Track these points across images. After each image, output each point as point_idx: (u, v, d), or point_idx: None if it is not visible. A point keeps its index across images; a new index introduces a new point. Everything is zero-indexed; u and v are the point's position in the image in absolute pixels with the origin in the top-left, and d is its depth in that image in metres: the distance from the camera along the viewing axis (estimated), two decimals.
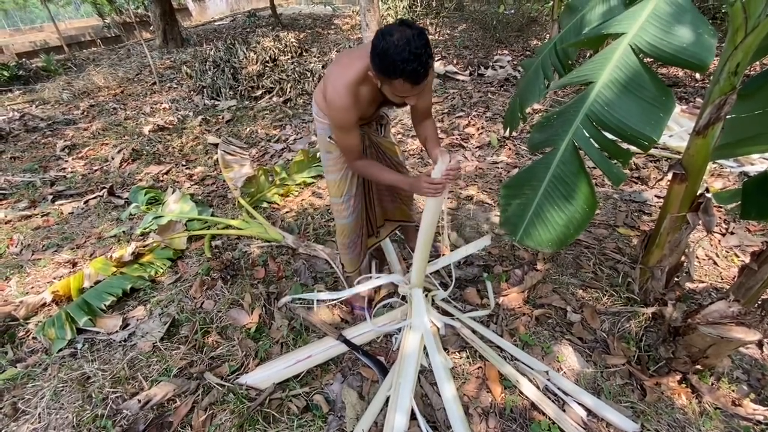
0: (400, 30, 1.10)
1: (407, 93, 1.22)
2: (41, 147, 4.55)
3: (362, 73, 1.28)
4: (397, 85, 1.17)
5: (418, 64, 1.10)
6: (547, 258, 2.10)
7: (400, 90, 1.20)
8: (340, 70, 1.33)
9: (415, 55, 1.09)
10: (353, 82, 1.28)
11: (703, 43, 0.96)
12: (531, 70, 1.67)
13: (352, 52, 1.39)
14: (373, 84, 1.30)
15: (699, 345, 1.38)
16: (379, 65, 1.14)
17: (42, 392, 1.63)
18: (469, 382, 1.54)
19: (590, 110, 1.08)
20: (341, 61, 1.38)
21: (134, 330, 1.91)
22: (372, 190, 1.84)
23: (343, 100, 1.28)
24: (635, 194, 2.61)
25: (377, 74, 1.19)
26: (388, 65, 1.11)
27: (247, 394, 1.54)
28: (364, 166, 1.50)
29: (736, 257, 2.04)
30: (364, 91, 1.32)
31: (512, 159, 3.25)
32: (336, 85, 1.30)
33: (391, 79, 1.15)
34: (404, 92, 1.22)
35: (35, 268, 2.46)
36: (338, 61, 1.39)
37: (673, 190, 1.50)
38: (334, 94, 1.30)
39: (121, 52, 9.39)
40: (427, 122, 1.56)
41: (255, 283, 2.12)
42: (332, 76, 1.35)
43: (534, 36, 6.96)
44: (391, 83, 1.18)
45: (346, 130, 1.38)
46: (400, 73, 1.12)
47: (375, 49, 1.12)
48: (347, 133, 1.39)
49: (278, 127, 4.50)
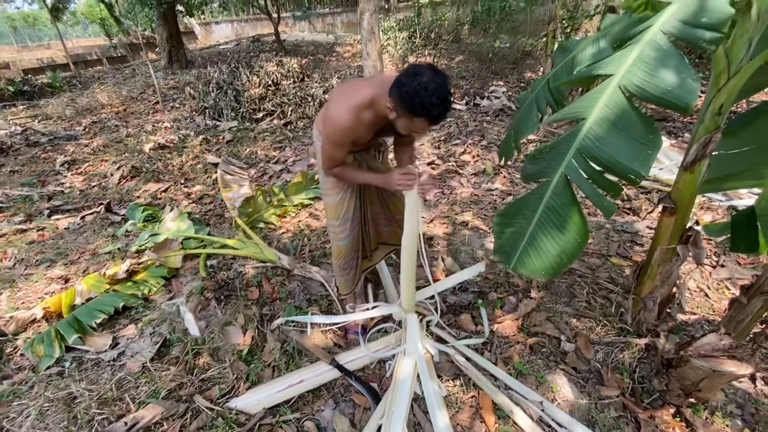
0: (430, 73, 1.19)
1: (422, 130, 1.31)
2: (41, 161, 4.58)
3: (368, 100, 1.35)
4: (418, 122, 1.25)
5: (444, 109, 1.21)
6: (542, 286, 2.11)
7: (418, 127, 1.28)
8: (347, 92, 1.41)
9: (442, 101, 1.19)
10: (358, 106, 1.34)
11: (687, 86, 1.02)
12: (526, 104, 1.74)
13: (359, 80, 1.49)
14: (376, 112, 1.37)
15: (692, 378, 1.39)
16: (407, 102, 1.20)
17: (27, 411, 1.58)
18: (463, 411, 1.52)
19: (581, 145, 1.13)
20: (347, 86, 1.47)
21: (124, 349, 1.88)
22: (368, 213, 1.87)
23: (345, 119, 1.35)
24: (627, 225, 2.66)
25: (400, 108, 1.24)
26: (416, 104, 1.19)
27: (236, 419, 1.51)
28: (340, 171, 1.54)
29: (727, 290, 2.06)
30: (366, 117, 1.38)
31: (507, 186, 3.31)
32: (341, 105, 1.36)
33: (414, 116, 1.23)
34: (420, 129, 1.30)
35: (27, 282, 2.43)
36: (344, 86, 1.49)
37: (663, 223, 1.54)
38: (337, 112, 1.36)
39: (127, 71, 9.59)
40: (409, 147, 1.66)
41: (249, 304, 2.10)
42: (337, 96, 1.43)
43: (528, 69, 7.22)
44: (412, 120, 1.25)
45: (337, 146, 1.44)
46: (426, 113, 1.20)
47: (404, 86, 1.19)
48: (337, 147, 1.44)
49: (278, 149, 4.57)
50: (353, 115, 1.34)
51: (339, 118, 1.36)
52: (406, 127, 1.33)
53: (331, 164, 1.52)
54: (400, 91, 1.21)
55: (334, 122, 1.37)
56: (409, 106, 1.21)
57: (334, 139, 1.42)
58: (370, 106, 1.36)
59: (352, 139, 1.43)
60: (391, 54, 7.92)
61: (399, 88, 1.21)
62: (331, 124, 1.39)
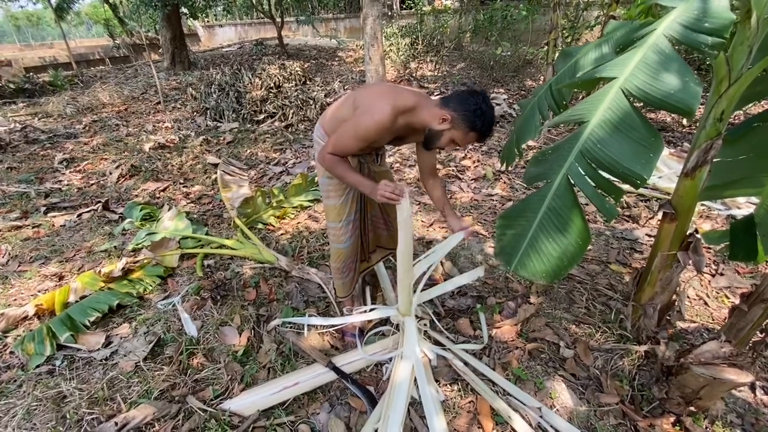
0: (488, 100, 1.38)
1: (466, 144, 1.46)
2: (39, 159, 4.56)
3: (410, 107, 1.40)
4: (469, 136, 1.40)
5: (491, 131, 1.41)
6: (541, 291, 2.10)
7: (464, 140, 1.42)
8: (388, 93, 1.41)
9: (492, 124, 1.40)
10: (399, 109, 1.38)
11: (689, 90, 1.02)
12: (527, 109, 1.74)
13: (397, 86, 1.51)
14: (407, 120, 1.42)
15: (692, 385, 1.37)
16: (469, 118, 1.35)
17: (14, 410, 1.55)
18: (460, 416, 1.50)
19: (584, 147, 1.12)
20: (385, 88, 1.48)
21: (117, 348, 1.85)
22: (367, 215, 1.86)
23: (385, 117, 1.35)
24: (627, 232, 2.66)
25: (459, 121, 1.37)
26: (477, 122, 1.35)
27: (229, 421, 1.48)
28: (336, 162, 1.46)
29: (726, 298, 2.05)
30: (399, 121, 1.40)
31: (507, 192, 3.31)
32: (382, 103, 1.36)
33: (470, 130, 1.38)
34: (465, 142, 1.44)
35: (20, 279, 2.40)
36: (380, 87, 1.49)
37: (664, 229, 1.54)
38: (377, 108, 1.36)
39: (129, 71, 9.61)
40: (436, 181, 1.76)
41: (245, 304, 2.08)
42: (377, 94, 1.42)
43: (529, 77, 7.27)
44: (466, 134, 1.39)
45: (359, 139, 1.40)
46: (480, 131, 1.37)
47: (471, 105, 1.35)
48: (357, 140, 1.41)
49: (278, 151, 4.57)
50: (392, 116, 1.36)
51: (379, 114, 1.35)
52: (452, 138, 1.42)
53: (337, 152, 1.45)
54: (466, 106, 1.34)
55: (371, 116, 1.36)
56: (471, 122, 1.35)
57: (360, 131, 1.39)
58: (408, 112, 1.40)
59: (375, 139, 1.42)
60: (393, 60, 7.97)
61: (464, 104, 1.35)
62: (367, 116, 1.37)
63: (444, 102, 1.39)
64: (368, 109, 1.38)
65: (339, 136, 1.43)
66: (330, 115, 1.57)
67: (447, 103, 1.38)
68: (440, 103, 1.40)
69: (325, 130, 1.58)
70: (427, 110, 1.40)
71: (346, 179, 1.48)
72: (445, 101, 1.39)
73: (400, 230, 1.46)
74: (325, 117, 1.60)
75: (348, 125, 1.41)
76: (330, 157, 1.45)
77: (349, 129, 1.41)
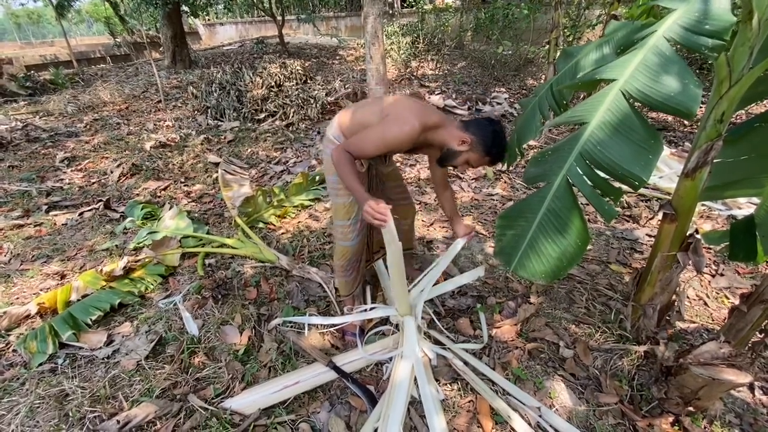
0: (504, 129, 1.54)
1: (477, 166, 1.61)
2: (41, 157, 4.57)
3: (434, 125, 1.50)
4: (483, 160, 1.53)
5: (503, 158, 1.58)
6: (541, 291, 2.11)
7: (478, 162, 1.55)
8: (419, 109, 1.49)
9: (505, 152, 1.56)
10: (426, 125, 1.47)
11: (689, 92, 1.02)
12: (528, 109, 1.74)
13: (426, 104, 1.62)
14: (428, 137, 1.52)
15: (691, 386, 1.38)
16: (487, 143, 1.49)
17: (17, 408, 1.56)
18: (460, 416, 1.51)
19: (583, 149, 1.13)
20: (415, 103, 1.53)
21: (119, 347, 1.86)
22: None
23: (412, 129, 1.43)
24: (627, 232, 2.66)
25: (477, 145, 1.49)
26: (493, 149, 1.50)
27: (230, 420, 1.49)
28: (346, 159, 1.46)
29: (726, 299, 2.06)
30: (421, 137, 1.49)
31: (507, 192, 3.31)
32: (412, 117, 1.44)
33: (486, 155, 1.51)
34: (478, 164, 1.57)
35: (23, 278, 2.41)
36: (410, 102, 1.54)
37: (664, 230, 1.54)
38: (405, 119, 1.44)
39: (130, 70, 9.61)
40: (447, 192, 1.88)
41: (246, 303, 2.09)
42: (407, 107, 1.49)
43: (530, 76, 7.26)
44: (482, 156, 1.52)
45: (383, 145, 1.47)
46: (494, 157, 1.52)
47: (489, 132, 1.49)
48: (380, 146, 1.47)
49: (279, 150, 4.57)
50: (419, 131, 1.44)
51: (409, 127, 1.42)
52: (467, 160, 1.54)
53: (354, 152, 1.47)
54: (485, 133, 1.48)
55: (400, 127, 1.43)
56: (487, 147, 1.49)
57: (387, 139, 1.44)
58: (432, 130, 1.51)
59: (397, 148, 1.52)
60: (394, 59, 7.96)
61: (483, 131, 1.49)
62: (396, 126, 1.44)
63: (465, 126, 1.52)
64: (397, 119, 1.44)
65: (362, 138, 1.48)
66: (351, 119, 1.58)
67: (467, 127, 1.50)
68: (461, 125, 1.52)
69: (343, 132, 1.59)
70: (449, 131, 1.51)
71: (345, 181, 1.47)
72: (466, 125, 1.51)
73: (387, 247, 1.49)
74: (344, 118, 1.60)
75: (374, 130, 1.46)
76: (344, 153, 1.47)
77: (374, 134, 1.46)
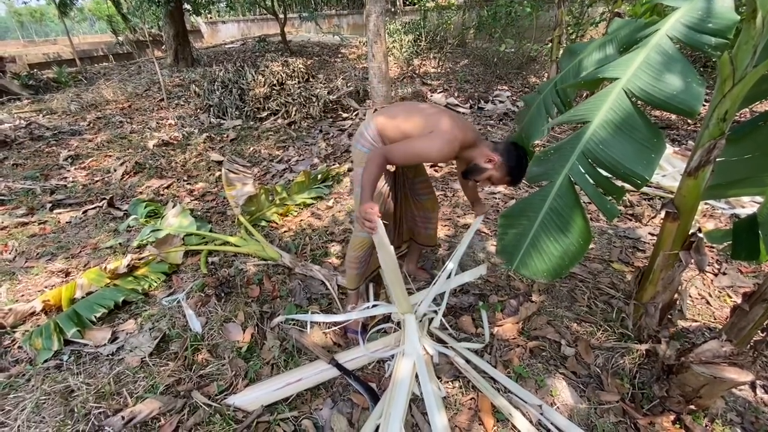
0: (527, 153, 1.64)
1: (497, 184, 1.70)
2: (44, 156, 4.59)
3: (470, 144, 1.60)
4: (504, 179, 1.63)
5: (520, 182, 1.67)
6: (542, 290, 2.11)
7: (499, 181, 1.65)
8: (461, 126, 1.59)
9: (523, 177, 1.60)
10: (464, 143, 1.58)
11: (692, 91, 1.02)
12: (534, 107, 1.74)
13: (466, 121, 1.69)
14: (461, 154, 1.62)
15: (692, 384, 1.38)
16: (513, 168, 1.59)
17: (23, 404, 1.58)
18: (462, 413, 1.51)
19: (586, 147, 1.13)
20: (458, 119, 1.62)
21: (123, 344, 1.88)
22: (404, 212, 2.04)
23: (453, 146, 1.53)
24: (629, 231, 2.66)
25: (503, 167, 1.59)
26: (515, 173, 1.60)
27: (234, 416, 1.51)
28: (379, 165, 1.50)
29: (728, 297, 2.06)
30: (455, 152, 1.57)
31: (509, 191, 3.31)
32: (454, 134, 1.54)
33: (508, 176, 1.61)
34: (498, 182, 1.66)
35: (27, 275, 2.43)
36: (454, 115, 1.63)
37: (666, 228, 1.54)
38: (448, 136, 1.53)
39: (132, 68, 9.63)
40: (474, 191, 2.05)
41: (249, 301, 2.10)
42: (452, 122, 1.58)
43: (533, 74, 7.23)
44: (503, 177, 1.62)
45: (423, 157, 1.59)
46: (515, 180, 1.63)
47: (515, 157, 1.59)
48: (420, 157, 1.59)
49: (281, 148, 4.58)
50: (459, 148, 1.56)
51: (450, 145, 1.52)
52: (490, 177, 1.64)
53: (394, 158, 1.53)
54: (511, 157, 1.58)
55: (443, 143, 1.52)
56: (511, 170, 1.60)
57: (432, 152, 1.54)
58: (467, 148, 1.61)
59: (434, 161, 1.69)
60: (396, 57, 7.95)
61: (510, 155, 1.59)
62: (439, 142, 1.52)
63: (494, 146, 1.62)
64: (442, 136, 1.52)
65: (406, 150, 1.55)
66: (394, 127, 1.64)
67: (496, 148, 1.61)
68: (491, 146, 1.63)
69: (382, 137, 1.65)
70: (480, 149, 1.61)
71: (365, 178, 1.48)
72: (496, 146, 1.62)
73: (378, 252, 1.53)
74: (385, 124, 1.65)
75: (418, 144, 1.54)
76: (381, 157, 1.51)
77: (418, 147, 1.54)
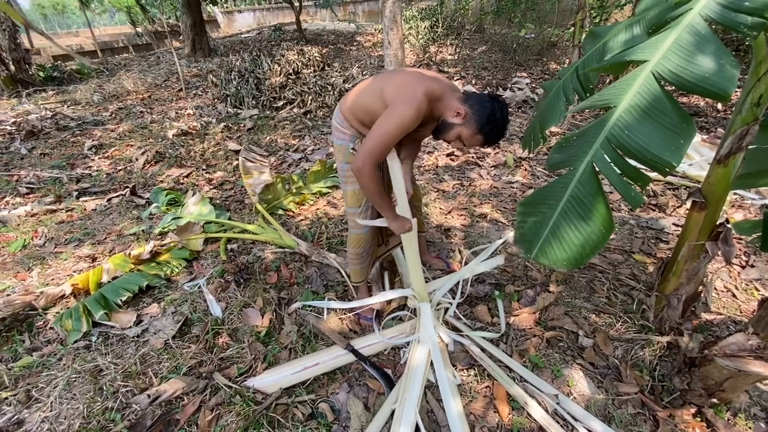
0: (506, 109, 1.41)
1: (471, 145, 1.46)
2: (70, 145, 4.73)
3: (437, 95, 1.38)
4: (475, 138, 1.41)
5: (498, 141, 1.44)
6: (560, 280, 2.08)
7: (470, 140, 1.43)
8: (417, 79, 1.38)
9: (501, 135, 1.42)
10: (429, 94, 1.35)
11: (725, 73, 0.97)
12: (552, 93, 1.69)
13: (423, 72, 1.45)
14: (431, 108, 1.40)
15: (715, 377, 1.35)
16: (482, 118, 1.37)
17: (55, 382, 1.66)
18: (477, 401, 1.52)
19: (610, 133, 1.09)
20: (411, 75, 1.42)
21: (147, 326, 1.95)
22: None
23: (419, 101, 1.32)
24: (652, 221, 2.58)
25: (472, 119, 1.38)
26: (488, 125, 1.37)
27: (253, 397, 1.55)
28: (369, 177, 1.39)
29: (756, 291, 1.99)
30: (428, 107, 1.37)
31: (527, 179, 3.25)
32: (411, 90, 1.33)
33: (478, 132, 1.39)
34: (470, 142, 1.44)
35: (57, 260, 2.54)
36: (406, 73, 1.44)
37: (692, 218, 1.49)
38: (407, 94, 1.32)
39: (151, 59, 9.77)
40: (415, 145, 1.81)
41: (267, 287, 2.14)
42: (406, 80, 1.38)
43: (553, 60, 7.02)
44: (474, 133, 1.40)
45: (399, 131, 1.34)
46: (487, 135, 1.40)
47: (487, 109, 1.36)
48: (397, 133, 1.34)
49: (297, 137, 4.60)
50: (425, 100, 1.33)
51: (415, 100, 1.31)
52: (459, 134, 1.43)
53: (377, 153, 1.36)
54: (482, 108, 1.36)
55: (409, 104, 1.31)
56: (481, 124, 1.37)
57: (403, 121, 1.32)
58: (435, 100, 1.39)
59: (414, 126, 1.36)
60: (412, 44, 7.83)
61: (481, 106, 1.37)
62: (404, 106, 1.31)
63: (465, 98, 1.41)
64: (403, 98, 1.33)
65: (378, 139, 1.34)
66: (351, 101, 1.53)
67: (467, 100, 1.40)
68: (461, 97, 1.42)
69: (345, 116, 1.56)
70: (448, 101, 1.41)
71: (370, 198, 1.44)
72: (466, 98, 1.41)
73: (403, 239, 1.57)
74: (346, 103, 1.56)
75: (384, 124, 1.34)
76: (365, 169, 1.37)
77: (386, 127, 1.33)
